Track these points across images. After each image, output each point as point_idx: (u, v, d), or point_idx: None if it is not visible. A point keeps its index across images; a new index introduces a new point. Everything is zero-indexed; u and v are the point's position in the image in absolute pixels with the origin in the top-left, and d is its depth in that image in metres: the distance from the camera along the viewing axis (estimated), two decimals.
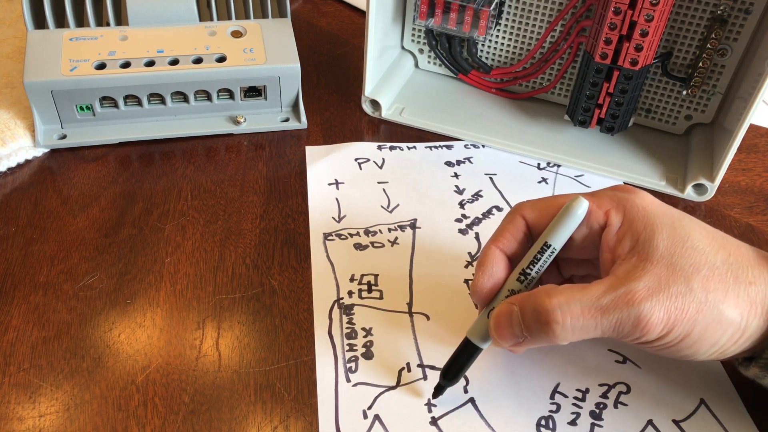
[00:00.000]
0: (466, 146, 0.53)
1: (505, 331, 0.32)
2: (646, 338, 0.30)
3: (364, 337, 0.38)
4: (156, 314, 0.39)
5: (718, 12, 0.47)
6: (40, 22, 0.53)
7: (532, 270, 0.32)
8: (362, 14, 0.72)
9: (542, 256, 0.32)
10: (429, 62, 0.60)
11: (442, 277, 0.42)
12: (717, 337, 0.30)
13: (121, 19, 0.54)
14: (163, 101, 0.52)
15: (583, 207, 0.32)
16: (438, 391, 0.34)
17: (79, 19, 0.54)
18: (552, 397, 0.35)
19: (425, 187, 0.49)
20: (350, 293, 0.40)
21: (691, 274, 0.29)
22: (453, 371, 0.34)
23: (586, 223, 0.32)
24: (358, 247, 0.44)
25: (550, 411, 0.34)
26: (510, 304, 0.32)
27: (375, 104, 0.55)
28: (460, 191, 0.49)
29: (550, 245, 0.32)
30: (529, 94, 0.57)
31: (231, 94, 0.53)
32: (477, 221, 0.46)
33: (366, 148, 0.52)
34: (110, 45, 0.51)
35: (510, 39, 0.55)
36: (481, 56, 0.57)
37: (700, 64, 0.48)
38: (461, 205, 0.48)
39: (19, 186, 0.48)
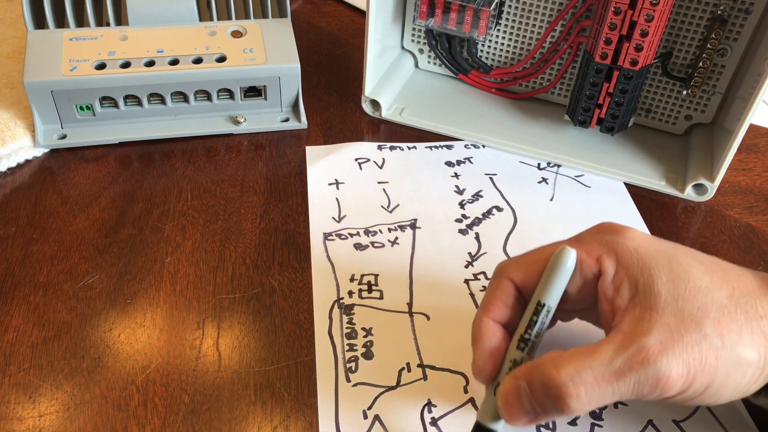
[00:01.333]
0: (466, 146, 0.53)
1: (515, 410, 0.29)
2: (667, 395, 0.28)
3: (364, 337, 0.38)
4: (156, 314, 0.39)
5: (718, 12, 0.47)
6: (40, 22, 0.53)
7: (530, 334, 0.30)
8: (362, 14, 0.72)
9: (538, 317, 0.30)
10: (429, 62, 0.60)
11: (442, 277, 0.42)
12: (738, 381, 0.28)
13: (121, 19, 0.54)
14: (163, 101, 0.52)
15: (571, 258, 0.30)
16: None
17: (79, 19, 0.54)
18: None
19: (425, 187, 0.49)
20: (350, 293, 0.40)
21: (701, 318, 0.27)
22: None
23: (579, 274, 0.30)
24: (358, 247, 0.44)
25: None
26: (516, 379, 0.29)
27: (375, 104, 0.55)
28: (460, 191, 0.49)
29: (545, 304, 0.30)
30: (529, 94, 0.57)
31: (231, 94, 0.53)
32: (477, 221, 0.46)
33: (366, 148, 0.52)
34: (110, 45, 0.51)
35: (510, 39, 0.55)
36: (481, 56, 0.57)
37: (700, 64, 0.48)
38: (461, 205, 0.48)
39: (19, 186, 0.48)
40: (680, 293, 0.28)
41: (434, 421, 0.34)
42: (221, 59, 0.51)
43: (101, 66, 0.50)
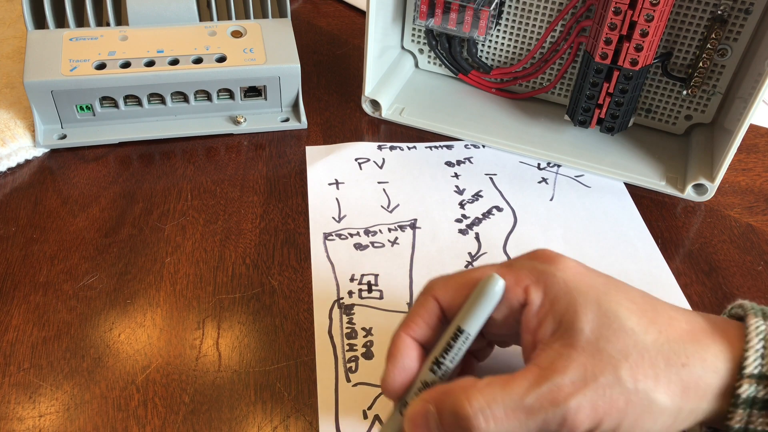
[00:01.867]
0: (466, 146, 0.53)
1: None
2: None
3: (364, 337, 0.38)
4: (156, 314, 0.39)
5: (718, 12, 0.47)
6: (40, 22, 0.53)
7: (445, 359, 0.29)
8: (362, 14, 0.72)
9: (456, 342, 0.29)
10: (429, 62, 0.60)
11: None
12: (649, 426, 0.27)
13: (121, 19, 0.54)
14: (163, 101, 0.52)
15: (498, 287, 0.29)
16: None
17: (79, 19, 0.54)
18: None
19: (425, 187, 0.49)
20: (350, 293, 0.40)
21: (619, 361, 0.27)
22: None
23: (505, 302, 0.30)
24: (358, 247, 0.44)
25: None
26: (425, 402, 0.28)
27: (375, 104, 0.55)
28: (460, 191, 0.49)
29: (464, 330, 0.29)
30: (529, 94, 0.57)
31: (231, 94, 0.53)
32: (477, 221, 0.46)
33: (366, 148, 0.52)
34: (110, 45, 0.51)
35: (510, 39, 0.55)
36: (481, 56, 0.57)
37: (700, 64, 0.48)
38: (461, 205, 0.48)
39: (19, 186, 0.48)
40: (603, 333, 0.27)
41: None
42: (221, 59, 0.51)
43: (101, 66, 0.50)
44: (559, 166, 0.52)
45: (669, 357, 0.27)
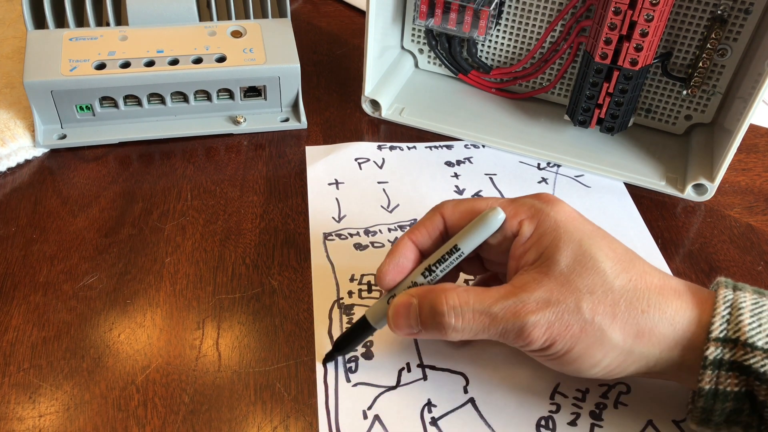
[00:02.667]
0: (466, 146, 0.53)
1: (401, 321, 0.33)
2: (529, 348, 0.31)
3: None
4: (156, 314, 0.39)
5: (718, 12, 0.47)
6: (40, 22, 0.53)
7: (437, 268, 0.33)
8: (362, 14, 0.72)
9: (450, 257, 0.33)
10: (429, 62, 0.60)
11: None
12: (599, 358, 0.30)
13: (121, 19, 0.54)
14: (163, 101, 0.52)
15: (497, 219, 0.33)
16: (328, 358, 0.36)
17: (79, 19, 0.54)
18: (552, 397, 0.35)
19: (425, 187, 0.49)
20: (350, 293, 0.40)
21: (583, 294, 0.30)
22: (345, 344, 0.36)
23: (500, 231, 0.33)
24: (358, 247, 0.44)
25: (550, 411, 0.34)
26: (410, 296, 0.33)
27: (375, 104, 0.55)
28: (460, 191, 0.49)
29: (459, 249, 0.33)
30: (529, 94, 0.57)
31: (231, 94, 0.53)
32: None
33: (366, 148, 0.52)
34: (110, 45, 0.51)
35: (510, 39, 0.55)
36: (481, 56, 0.57)
37: (700, 64, 0.48)
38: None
39: (19, 186, 0.48)
40: (576, 268, 0.30)
41: (434, 421, 0.34)
42: (221, 59, 0.51)
43: (101, 66, 0.50)
44: (559, 166, 0.52)
45: (631, 302, 0.30)
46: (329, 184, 0.49)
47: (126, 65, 0.50)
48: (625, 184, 0.50)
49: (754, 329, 0.29)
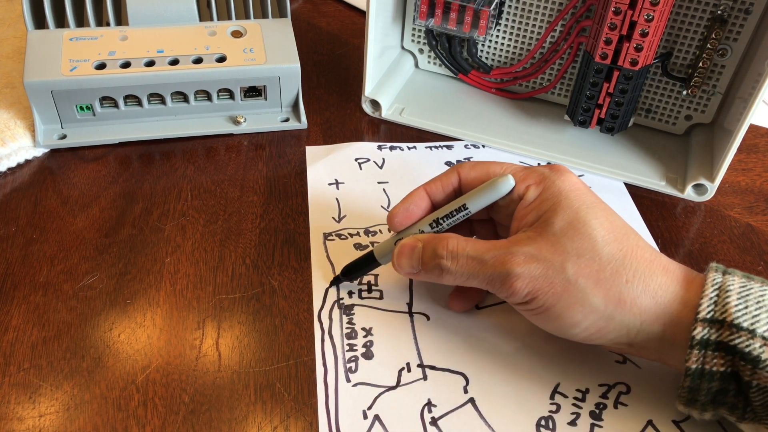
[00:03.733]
0: (466, 146, 0.53)
1: (404, 261, 0.36)
2: (513, 300, 0.33)
3: (364, 337, 0.38)
4: (156, 314, 0.39)
5: (718, 12, 0.47)
6: (40, 22, 0.53)
7: (444, 222, 0.36)
8: (362, 14, 0.72)
9: (457, 214, 0.36)
10: (429, 62, 0.60)
11: None
12: (579, 319, 0.32)
13: (121, 19, 0.54)
14: (163, 101, 0.52)
15: (506, 185, 0.35)
16: (334, 282, 0.40)
17: (79, 19, 0.54)
18: (552, 397, 0.35)
19: None
20: (350, 293, 0.40)
21: (571, 256, 0.32)
22: (352, 273, 0.40)
23: (509, 194, 0.35)
24: (358, 247, 0.44)
25: (550, 411, 0.35)
26: (416, 240, 0.36)
27: (375, 104, 0.55)
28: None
29: (467, 208, 0.36)
30: (529, 94, 0.57)
31: (231, 94, 0.53)
32: None
33: (366, 148, 0.52)
34: (110, 45, 0.51)
35: (510, 39, 0.55)
36: (481, 56, 0.57)
37: (700, 64, 0.48)
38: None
39: (19, 186, 0.48)
40: (568, 232, 0.32)
41: (434, 421, 0.34)
42: (221, 59, 0.51)
43: (101, 66, 0.50)
44: None
45: (617, 270, 0.31)
46: (329, 184, 0.49)
47: (126, 65, 0.50)
48: (625, 184, 0.50)
49: (740, 311, 0.30)
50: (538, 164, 0.44)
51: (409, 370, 0.36)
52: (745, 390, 0.30)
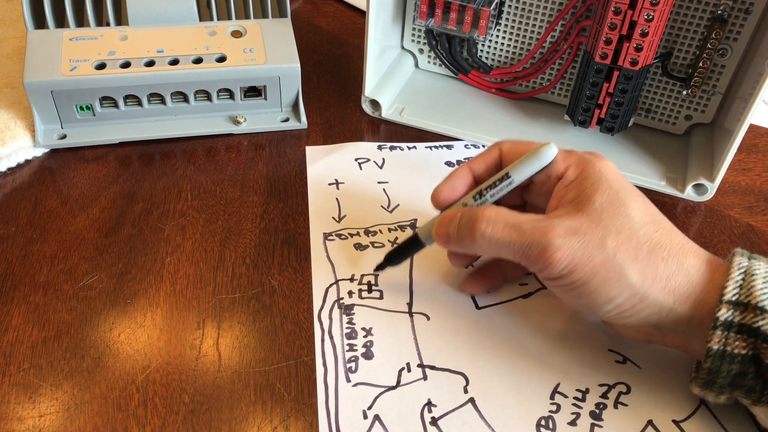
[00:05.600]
0: (466, 146, 0.53)
1: (442, 229, 0.36)
2: (549, 272, 0.32)
3: (364, 337, 0.38)
4: (156, 314, 0.39)
5: (718, 12, 0.47)
6: (40, 22, 0.53)
7: (487, 193, 0.36)
8: (362, 14, 0.72)
9: (501, 183, 0.36)
10: (429, 62, 0.60)
11: (442, 277, 0.42)
12: (614, 295, 0.32)
13: (121, 19, 0.54)
14: (163, 101, 0.52)
15: (550, 153, 0.35)
16: (379, 268, 0.40)
17: (79, 19, 0.54)
18: (552, 397, 0.35)
19: (425, 187, 0.49)
20: (350, 293, 0.40)
21: (611, 231, 0.32)
22: (397, 259, 0.40)
23: (548, 170, 0.35)
24: (358, 247, 0.44)
25: (550, 411, 0.35)
26: (458, 210, 0.36)
27: (375, 104, 0.55)
28: None
29: (510, 176, 0.36)
30: (529, 94, 0.57)
31: (231, 94, 0.53)
32: None
33: (366, 148, 0.52)
34: (110, 45, 0.51)
35: (510, 39, 0.55)
36: (481, 56, 0.57)
37: (700, 64, 0.48)
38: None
39: (19, 186, 0.48)
40: (608, 209, 0.32)
41: (434, 421, 0.34)
42: (221, 59, 0.51)
43: (101, 66, 0.50)
44: None
45: (654, 249, 0.32)
46: (329, 184, 0.49)
47: (126, 65, 0.50)
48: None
49: (766, 294, 0.30)
50: None
51: (409, 370, 0.36)
52: (765, 372, 0.30)
